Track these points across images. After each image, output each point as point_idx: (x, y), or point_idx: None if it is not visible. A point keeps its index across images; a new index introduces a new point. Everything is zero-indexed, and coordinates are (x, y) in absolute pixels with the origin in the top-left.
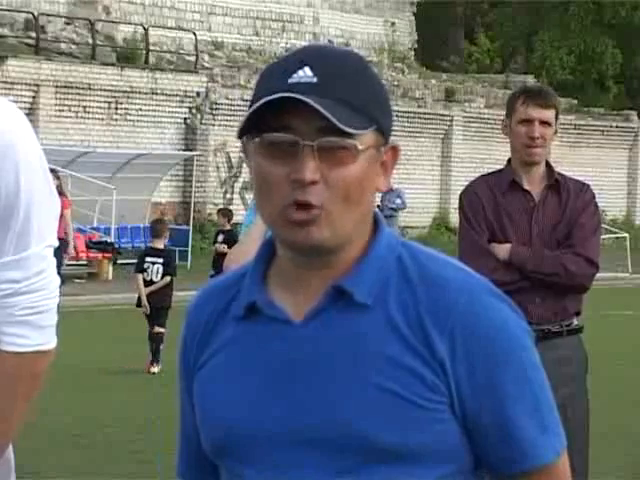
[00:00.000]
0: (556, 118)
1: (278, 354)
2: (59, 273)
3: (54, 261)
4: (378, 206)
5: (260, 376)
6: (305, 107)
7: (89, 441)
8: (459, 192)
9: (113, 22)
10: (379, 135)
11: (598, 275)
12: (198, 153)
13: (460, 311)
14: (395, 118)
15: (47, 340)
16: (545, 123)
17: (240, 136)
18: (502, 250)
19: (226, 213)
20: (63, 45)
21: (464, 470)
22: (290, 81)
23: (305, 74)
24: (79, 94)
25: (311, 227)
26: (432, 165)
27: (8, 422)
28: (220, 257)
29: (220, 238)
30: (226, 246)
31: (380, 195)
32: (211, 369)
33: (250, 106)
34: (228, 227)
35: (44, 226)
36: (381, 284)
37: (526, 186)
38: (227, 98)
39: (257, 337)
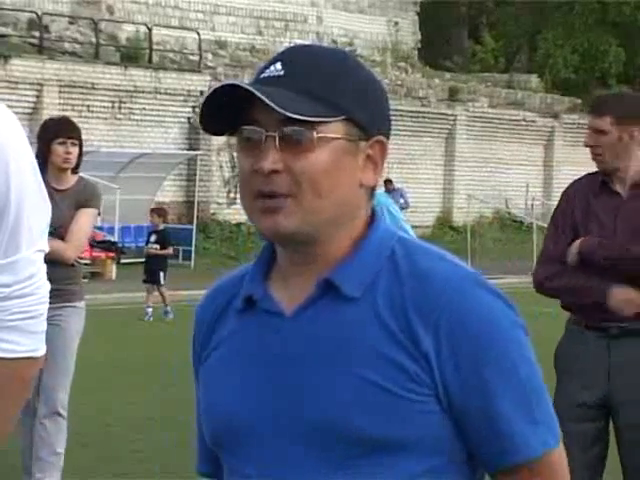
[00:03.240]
0: (621, 124)
1: (270, 346)
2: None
3: (44, 266)
4: None
5: (253, 368)
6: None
7: (90, 440)
8: (462, 191)
9: (117, 22)
10: (353, 127)
11: None
12: (201, 152)
13: (445, 304)
14: (399, 117)
15: (37, 346)
16: (599, 131)
17: (205, 130)
18: (573, 247)
19: (161, 212)
20: (67, 44)
21: (455, 461)
22: (262, 76)
23: (275, 68)
24: (83, 93)
25: (278, 215)
26: (436, 164)
27: None
28: (151, 259)
29: (152, 238)
30: (158, 246)
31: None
32: (211, 363)
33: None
34: (161, 227)
35: (35, 230)
36: (371, 278)
37: (616, 187)
38: None
39: (252, 330)
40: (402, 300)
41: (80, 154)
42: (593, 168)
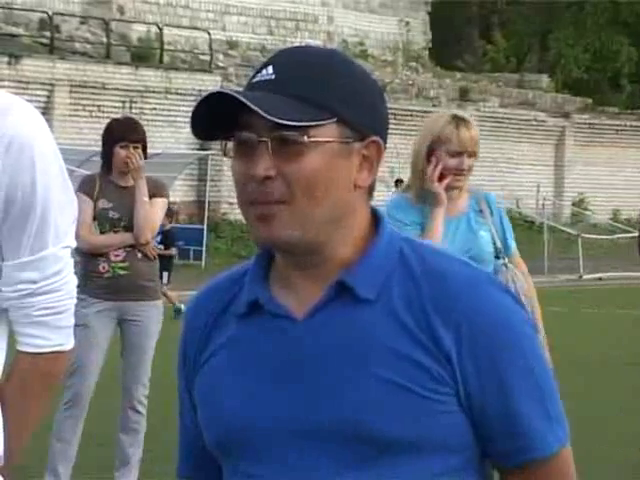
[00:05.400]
0: None
1: (281, 351)
2: None
3: (71, 262)
4: None
5: (264, 373)
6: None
7: (106, 440)
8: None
9: (127, 21)
10: (346, 128)
11: (612, 274)
12: (212, 152)
13: (464, 304)
14: (409, 117)
15: (64, 341)
16: None
17: (197, 136)
18: None
19: (169, 213)
20: (78, 44)
21: (472, 461)
22: (253, 80)
23: (266, 72)
24: (93, 93)
25: (273, 223)
26: None
27: (24, 423)
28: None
29: (159, 238)
30: (163, 247)
31: (391, 194)
32: (214, 367)
33: None
34: (168, 227)
35: (61, 226)
36: (384, 279)
37: None
38: None
39: (260, 334)
40: (420, 300)
41: (144, 154)
42: (603, 167)
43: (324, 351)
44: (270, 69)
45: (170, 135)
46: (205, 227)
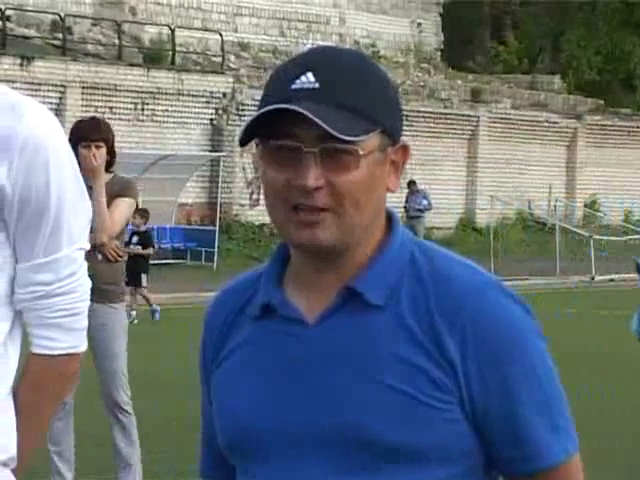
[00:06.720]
0: None
1: (291, 354)
2: None
3: (85, 264)
4: (405, 207)
5: (273, 375)
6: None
7: (107, 440)
8: (485, 193)
9: (139, 23)
10: (385, 136)
11: (625, 276)
12: (224, 154)
13: (470, 310)
14: (421, 119)
15: (78, 343)
16: None
17: (242, 143)
18: None
19: (143, 214)
20: (90, 46)
21: (476, 470)
22: (293, 87)
23: (307, 79)
24: (105, 95)
25: (317, 229)
26: (458, 166)
27: (37, 424)
28: (131, 260)
29: (135, 239)
30: (140, 247)
31: (406, 196)
32: (226, 368)
33: (258, 109)
34: (144, 228)
35: (75, 228)
36: (394, 284)
37: None
38: (253, 99)
39: (271, 337)
40: (426, 305)
41: (110, 153)
42: (615, 169)
43: (333, 356)
44: (311, 76)
45: (182, 137)
46: (217, 228)
